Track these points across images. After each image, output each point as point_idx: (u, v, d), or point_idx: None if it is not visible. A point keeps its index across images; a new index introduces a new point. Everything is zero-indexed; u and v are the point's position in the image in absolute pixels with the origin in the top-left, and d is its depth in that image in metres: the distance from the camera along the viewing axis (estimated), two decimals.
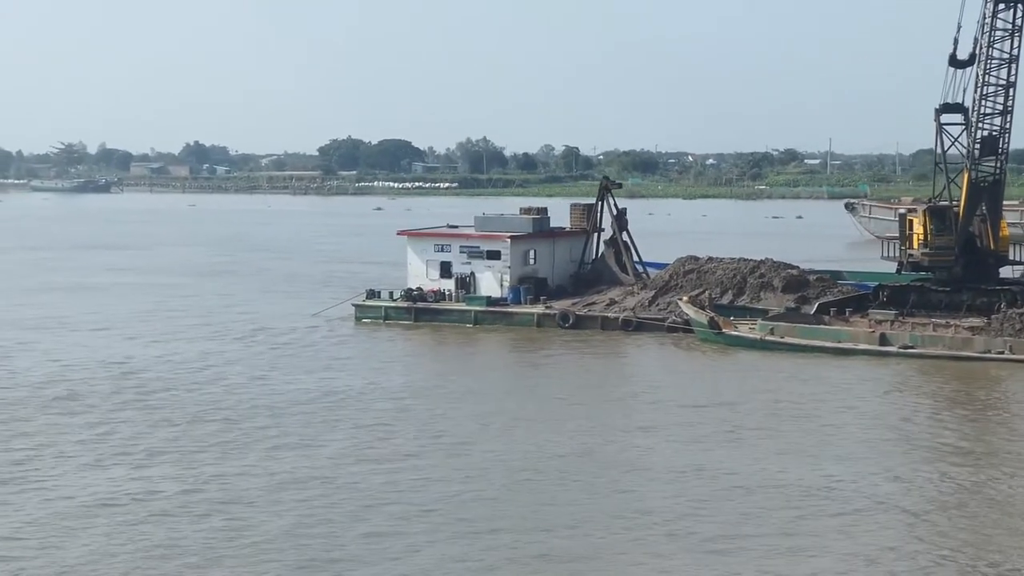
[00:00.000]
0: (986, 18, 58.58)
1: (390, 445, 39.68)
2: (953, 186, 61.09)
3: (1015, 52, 58.66)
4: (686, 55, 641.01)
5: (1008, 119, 59.56)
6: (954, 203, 60.92)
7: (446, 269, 70.11)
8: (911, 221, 62.49)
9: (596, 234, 74.38)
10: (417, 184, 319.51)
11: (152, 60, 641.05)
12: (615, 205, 73.78)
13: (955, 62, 59.92)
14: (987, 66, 58.91)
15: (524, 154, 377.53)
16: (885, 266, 67.00)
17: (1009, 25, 58.56)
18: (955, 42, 59.60)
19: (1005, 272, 63.21)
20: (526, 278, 69.73)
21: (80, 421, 42.96)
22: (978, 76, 59.18)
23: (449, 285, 69.58)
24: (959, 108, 60.36)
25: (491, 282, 69.21)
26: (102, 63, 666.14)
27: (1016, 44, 58.62)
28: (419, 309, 68.26)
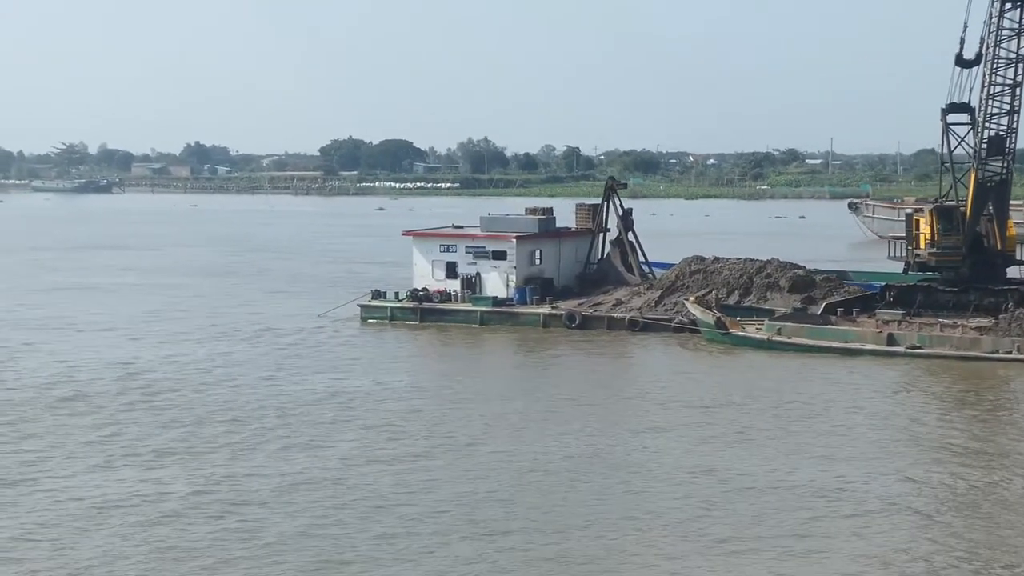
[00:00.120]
0: (992, 17, 58.45)
1: (400, 446, 39.65)
2: (960, 186, 61.06)
3: (1022, 51, 58.52)
4: (687, 55, 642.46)
5: (1015, 119, 59.41)
6: (961, 203, 60.90)
7: (452, 269, 70.01)
8: (918, 221, 62.55)
9: (602, 234, 74.31)
10: (418, 184, 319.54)
11: (152, 60, 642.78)
12: (621, 205, 73.69)
13: (961, 62, 59.82)
14: (993, 66, 58.79)
15: (525, 154, 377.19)
16: (892, 266, 66.99)
17: (1016, 24, 58.41)
18: (961, 42, 59.59)
19: (1012, 272, 63.15)
20: (532, 278, 69.64)
21: (88, 422, 42.91)
22: (984, 76, 59.07)
23: (455, 285, 69.49)
24: (965, 108, 60.30)
25: (497, 282, 69.11)
26: (102, 63, 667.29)
27: (1023, 43, 58.54)
28: (425, 309, 68.18)
